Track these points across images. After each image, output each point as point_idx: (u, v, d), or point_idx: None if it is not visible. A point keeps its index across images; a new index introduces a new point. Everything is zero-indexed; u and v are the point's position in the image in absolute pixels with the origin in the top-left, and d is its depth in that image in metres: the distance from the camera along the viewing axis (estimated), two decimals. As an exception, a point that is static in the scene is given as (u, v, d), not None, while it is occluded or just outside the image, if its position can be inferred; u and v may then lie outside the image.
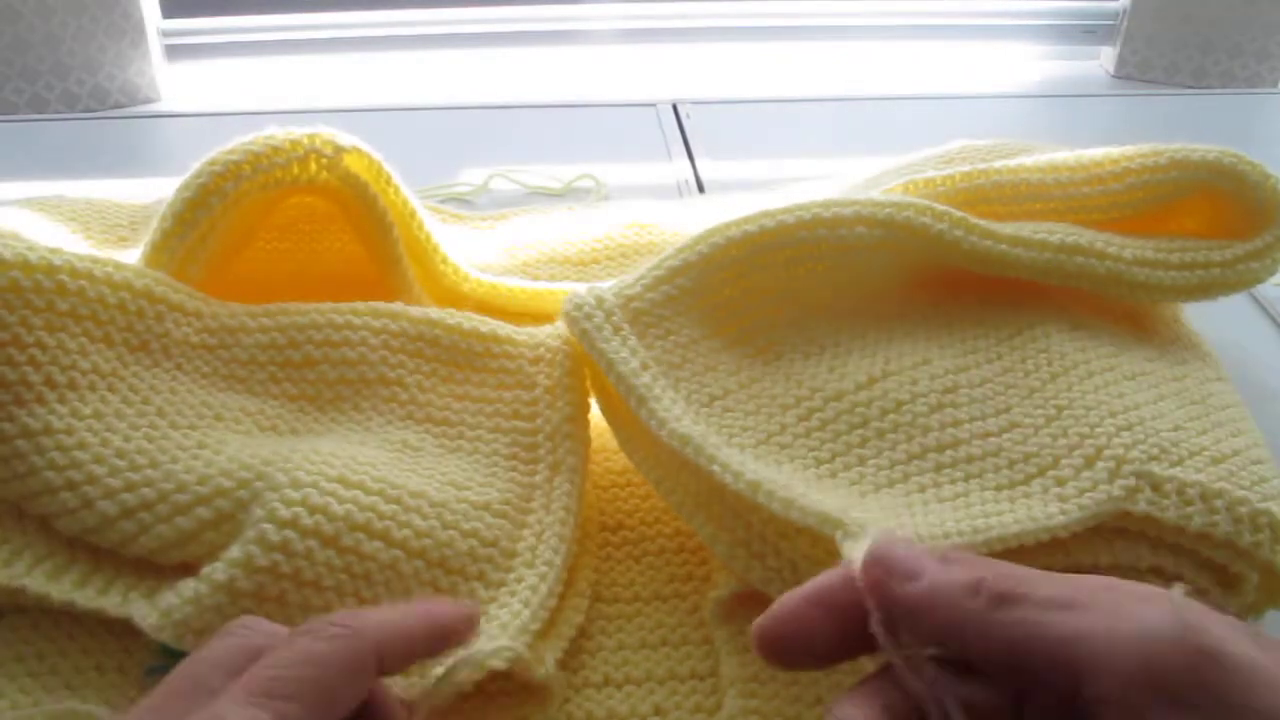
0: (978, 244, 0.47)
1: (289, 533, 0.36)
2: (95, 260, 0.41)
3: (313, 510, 0.37)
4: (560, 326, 0.46)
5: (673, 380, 0.42)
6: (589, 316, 0.43)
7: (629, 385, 0.41)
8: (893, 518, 0.38)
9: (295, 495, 0.37)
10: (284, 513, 0.36)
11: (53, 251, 0.40)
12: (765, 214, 0.45)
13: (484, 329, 0.46)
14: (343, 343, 0.44)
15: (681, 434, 0.40)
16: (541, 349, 0.46)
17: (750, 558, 0.39)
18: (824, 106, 0.93)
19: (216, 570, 0.35)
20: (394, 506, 0.38)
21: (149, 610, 0.35)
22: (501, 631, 0.37)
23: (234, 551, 0.35)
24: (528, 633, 0.38)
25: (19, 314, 0.39)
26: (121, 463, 0.38)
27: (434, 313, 0.46)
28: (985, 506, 0.39)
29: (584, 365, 0.45)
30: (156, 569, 0.38)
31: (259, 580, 0.35)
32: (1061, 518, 0.40)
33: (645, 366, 0.42)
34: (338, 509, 0.37)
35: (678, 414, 0.40)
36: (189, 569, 0.37)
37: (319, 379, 0.44)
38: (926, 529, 0.38)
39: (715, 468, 0.39)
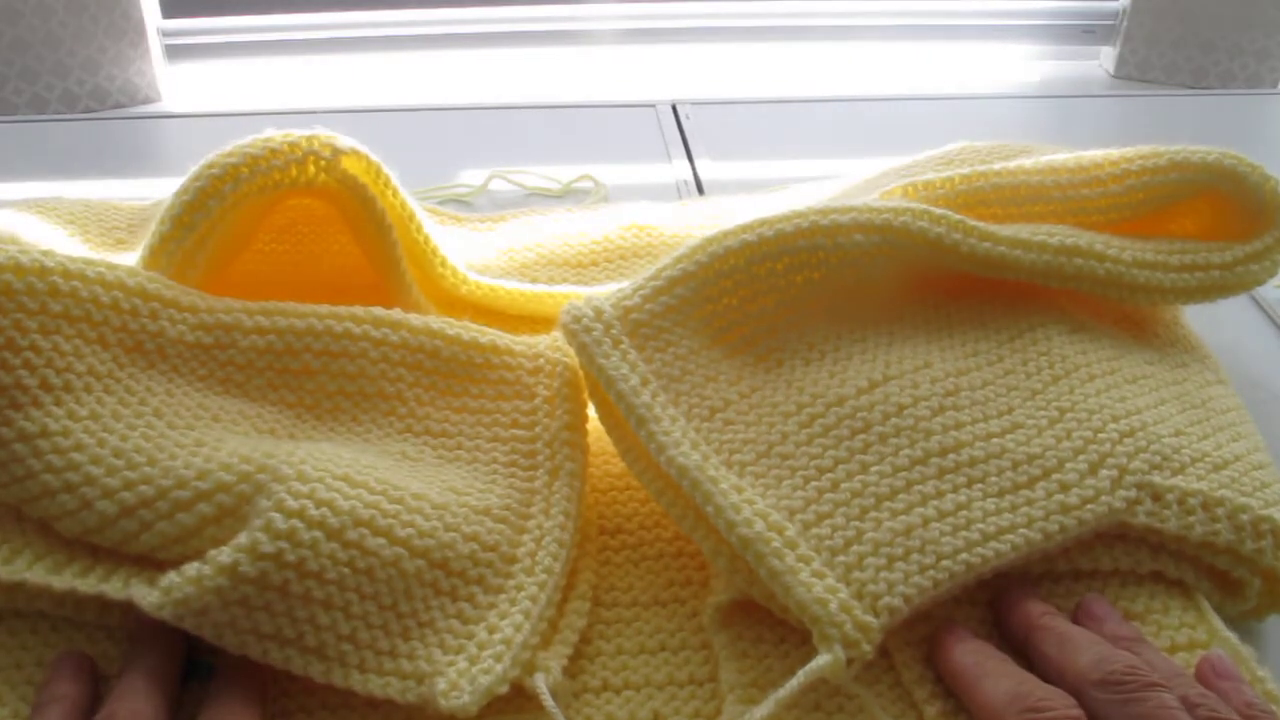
0: (977, 247, 0.47)
1: (295, 522, 0.36)
2: (88, 261, 0.41)
3: (319, 503, 0.37)
4: (559, 336, 0.45)
5: (673, 395, 0.42)
6: (588, 330, 0.43)
7: (629, 404, 0.41)
8: (887, 567, 0.38)
9: (303, 488, 0.37)
10: (291, 503, 0.36)
11: (45, 253, 0.40)
12: (763, 222, 0.45)
13: (483, 340, 0.46)
14: (341, 353, 0.44)
15: (680, 464, 0.39)
16: (540, 360, 0.46)
17: (751, 572, 0.39)
18: (824, 106, 0.92)
19: (222, 553, 0.35)
20: (397, 506, 0.38)
21: (149, 590, 0.35)
22: (506, 647, 0.37)
23: (240, 538, 0.36)
24: (529, 647, 0.38)
25: (12, 317, 0.38)
26: (119, 462, 0.38)
27: (434, 322, 0.45)
28: (986, 523, 0.39)
29: (582, 375, 0.45)
30: (158, 564, 0.37)
31: (263, 567, 0.35)
32: (1060, 536, 0.40)
33: (645, 382, 0.42)
34: (343, 504, 0.37)
35: (677, 438, 0.40)
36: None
37: (317, 389, 0.44)
38: (919, 567, 0.38)
39: (709, 509, 0.39)
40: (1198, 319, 0.54)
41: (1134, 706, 0.33)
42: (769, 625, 0.40)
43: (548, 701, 0.36)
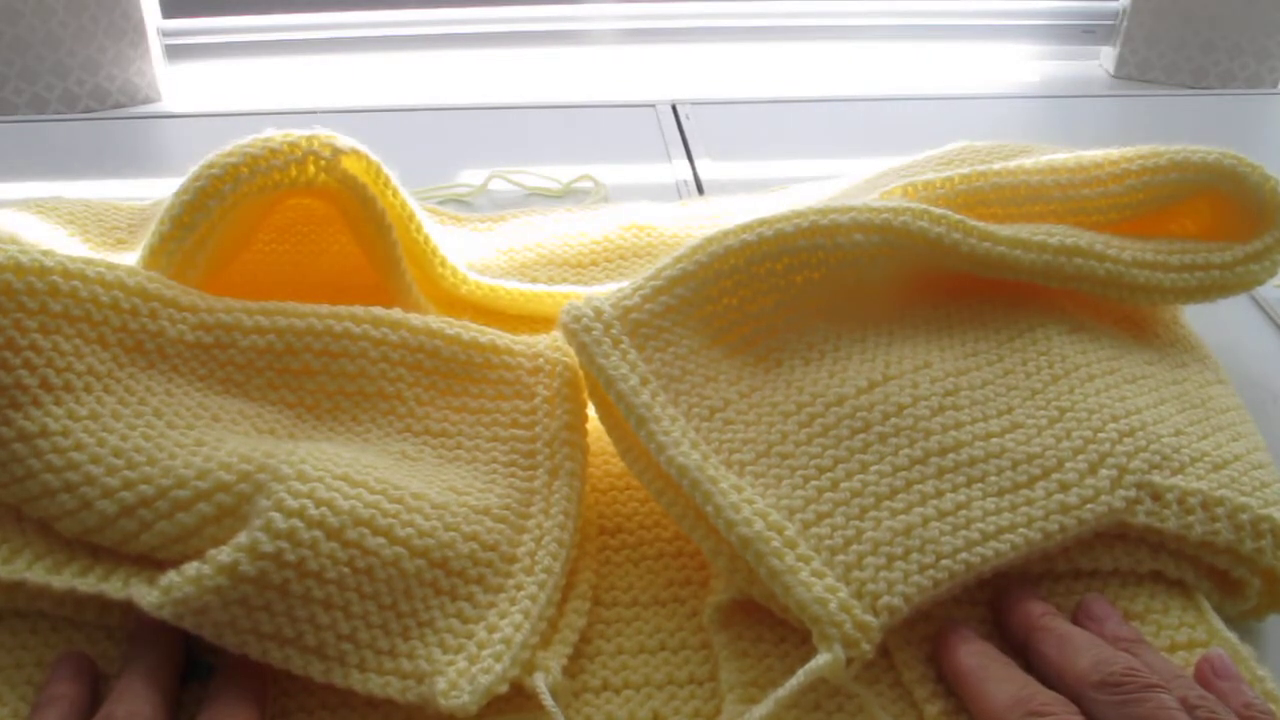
0: (977, 246, 0.47)
1: (295, 522, 0.36)
2: (88, 261, 0.41)
3: (319, 503, 0.37)
4: (559, 336, 0.46)
5: (673, 395, 0.42)
6: (587, 329, 0.43)
7: (629, 404, 0.41)
8: (885, 567, 0.37)
9: (302, 488, 0.37)
10: (291, 503, 0.36)
11: (45, 253, 0.40)
12: (763, 222, 0.45)
13: (483, 339, 0.46)
14: (341, 353, 0.44)
15: (680, 464, 0.40)
16: (540, 360, 0.46)
17: (751, 572, 0.39)
18: (824, 106, 0.92)
19: (222, 553, 0.35)
20: (397, 506, 0.38)
21: (149, 589, 0.35)
22: (505, 647, 0.37)
23: (240, 538, 0.36)
24: (529, 647, 0.38)
25: (12, 317, 0.39)
26: (119, 461, 0.38)
27: (434, 322, 0.45)
28: (986, 522, 0.39)
29: (582, 374, 0.45)
30: (158, 564, 0.38)
31: (262, 566, 0.35)
32: (1060, 535, 0.40)
33: (645, 382, 0.42)
34: (343, 503, 0.37)
35: (676, 438, 0.40)
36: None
37: (318, 389, 0.44)
38: (919, 566, 0.38)
39: (709, 508, 0.39)
40: (1198, 319, 0.54)
41: (1133, 708, 0.34)
42: (769, 625, 0.40)
43: (547, 701, 0.36)
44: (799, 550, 0.37)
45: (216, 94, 1.31)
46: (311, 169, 0.46)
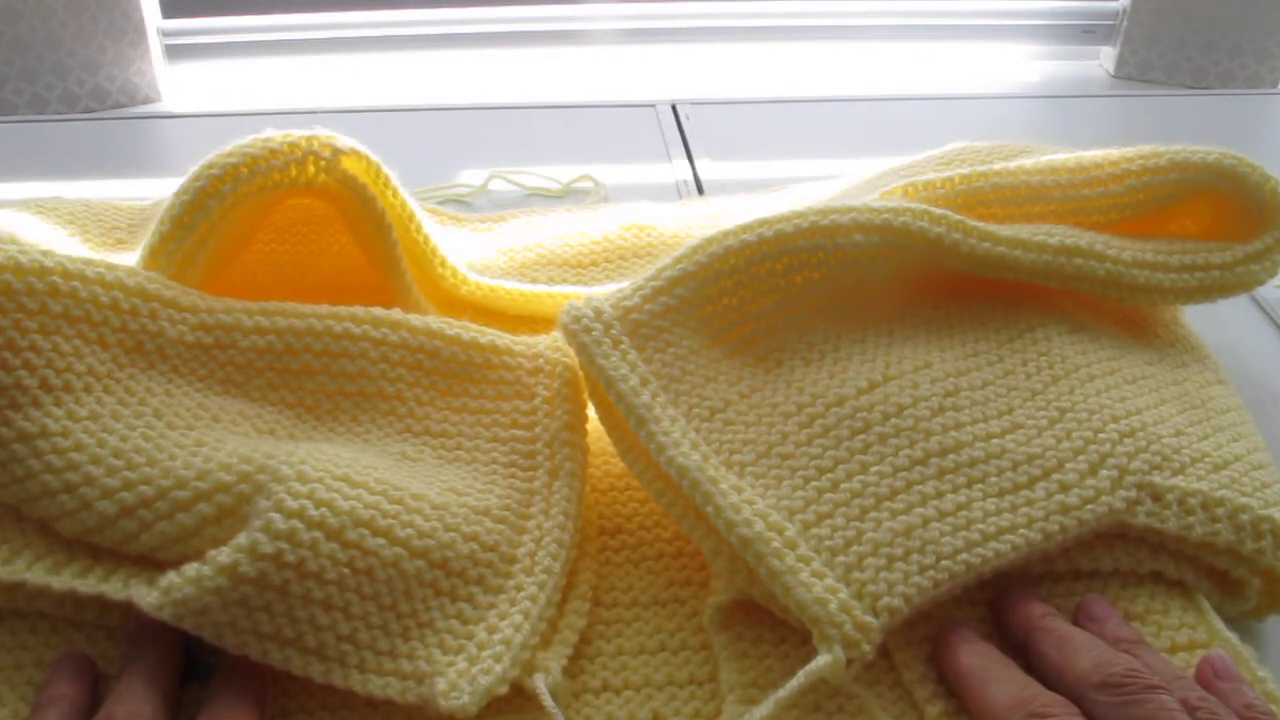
0: (977, 247, 0.47)
1: (295, 523, 0.36)
2: (88, 261, 0.41)
3: (319, 504, 0.37)
4: (559, 336, 0.46)
5: (673, 395, 0.42)
6: (587, 330, 0.43)
7: (629, 404, 0.41)
8: (886, 568, 0.37)
9: (302, 489, 0.37)
10: (291, 504, 0.36)
11: (44, 254, 0.40)
12: (763, 223, 0.45)
13: (483, 340, 0.46)
14: (341, 354, 0.44)
15: (680, 464, 0.40)
16: (540, 360, 0.46)
17: (751, 572, 0.39)
18: (824, 106, 0.92)
19: (222, 553, 0.35)
20: (397, 507, 0.38)
21: (148, 590, 0.35)
22: (505, 648, 0.37)
23: (240, 538, 0.36)
24: (529, 648, 0.38)
25: (12, 317, 0.39)
26: (119, 462, 0.38)
27: (434, 322, 0.45)
28: (986, 523, 0.39)
29: (582, 375, 0.45)
30: (158, 564, 0.38)
31: (262, 567, 0.35)
32: (1060, 536, 0.40)
33: (645, 382, 0.42)
34: (343, 504, 0.37)
35: (676, 438, 0.40)
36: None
37: (318, 389, 0.44)
38: (919, 567, 0.38)
39: (709, 509, 0.39)
40: (1198, 319, 0.54)
41: (1134, 709, 0.34)
42: (769, 625, 0.40)
43: (547, 701, 0.36)
44: (799, 551, 0.37)
45: (216, 94, 1.32)
46: (311, 169, 0.46)
